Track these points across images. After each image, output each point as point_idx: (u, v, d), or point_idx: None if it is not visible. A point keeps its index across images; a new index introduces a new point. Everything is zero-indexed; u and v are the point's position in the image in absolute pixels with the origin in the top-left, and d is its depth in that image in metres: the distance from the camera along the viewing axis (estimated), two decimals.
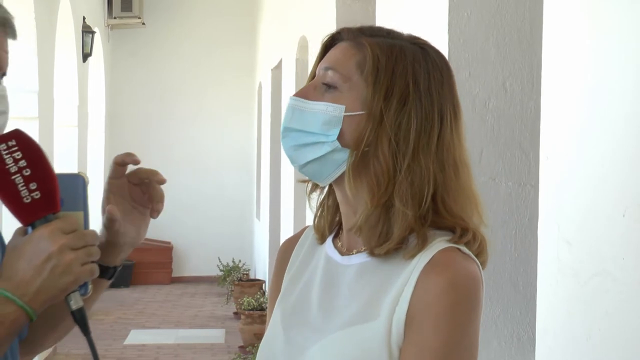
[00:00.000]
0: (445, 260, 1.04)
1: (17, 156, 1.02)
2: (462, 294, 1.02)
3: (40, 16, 5.90)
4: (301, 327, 1.11)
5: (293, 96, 1.11)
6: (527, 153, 2.16)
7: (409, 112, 1.06)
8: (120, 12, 9.67)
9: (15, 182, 1.01)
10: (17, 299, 1.01)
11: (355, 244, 1.12)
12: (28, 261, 1.02)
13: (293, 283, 1.18)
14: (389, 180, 1.05)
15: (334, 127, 1.07)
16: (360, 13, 4.04)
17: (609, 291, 2.08)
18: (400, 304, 1.03)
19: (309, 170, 1.11)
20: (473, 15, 2.16)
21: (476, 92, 2.15)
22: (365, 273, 1.09)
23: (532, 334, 2.14)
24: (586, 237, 2.21)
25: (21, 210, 1.03)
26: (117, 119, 10.65)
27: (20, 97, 5.80)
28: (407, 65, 1.07)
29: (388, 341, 1.03)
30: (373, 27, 1.13)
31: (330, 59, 1.10)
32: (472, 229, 1.08)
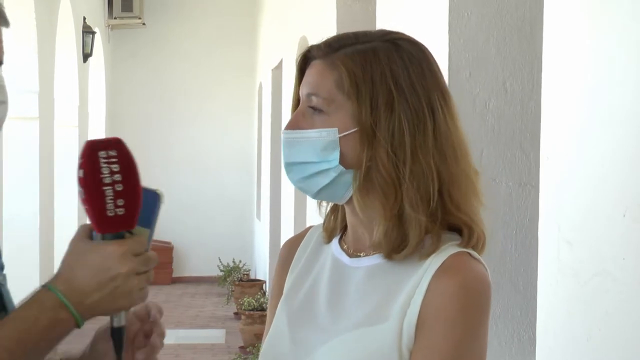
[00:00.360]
0: (456, 265, 1.04)
1: (115, 169, 1.01)
2: (473, 297, 1.03)
3: (40, 16, 5.91)
4: (308, 327, 1.11)
5: (285, 130, 1.10)
6: (528, 153, 2.16)
7: (399, 116, 1.05)
8: (121, 13, 9.68)
9: (104, 194, 1.01)
10: (71, 307, 1.01)
11: (363, 247, 1.12)
12: (92, 273, 1.02)
13: (298, 282, 1.18)
14: (395, 190, 1.05)
15: (333, 151, 1.07)
16: (360, 13, 4.04)
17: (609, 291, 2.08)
18: (412, 308, 1.03)
19: (323, 197, 1.12)
20: (473, 16, 2.16)
21: (476, 92, 2.15)
22: (375, 276, 1.09)
23: (532, 334, 2.14)
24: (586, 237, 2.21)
25: (100, 221, 1.03)
26: (118, 119, 10.65)
27: (21, 97, 5.81)
28: (384, 68, 1.05)
29: (399, 344, 1.03)
30: (340, 37, 1.11)
31: (309, 84, 1.09)
32: (477, 229, 1.08)
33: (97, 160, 1.01)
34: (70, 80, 7.70)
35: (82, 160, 1.02)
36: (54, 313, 1.01)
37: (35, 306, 1.01)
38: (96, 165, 1.01)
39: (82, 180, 1.02)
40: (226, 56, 10.75)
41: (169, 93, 10.83)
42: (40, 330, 1.01)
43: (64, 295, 1.01)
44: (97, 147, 1.01)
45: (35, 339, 1.00)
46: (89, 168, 1.01)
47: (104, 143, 1.02)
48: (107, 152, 1.01)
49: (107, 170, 1.00)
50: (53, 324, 1.01)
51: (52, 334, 1.02)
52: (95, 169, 1.01)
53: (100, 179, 1.00)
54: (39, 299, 1.02)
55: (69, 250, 1.05)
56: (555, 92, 2.35)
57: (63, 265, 1.05)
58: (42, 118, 6.05)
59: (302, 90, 1.11)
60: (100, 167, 1.00)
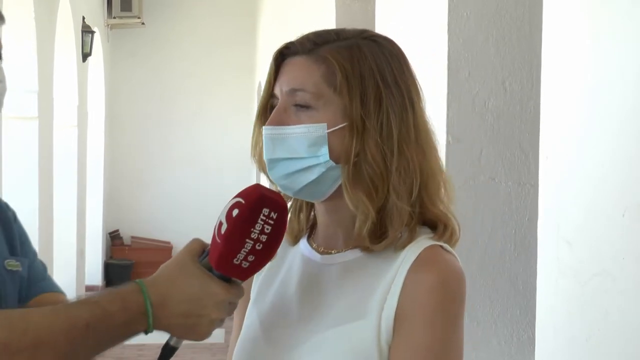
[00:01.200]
0: (432, 258, 1.05)
1: (267, 229, 1.00)
2: (451, 290, 1.04)
3: (40, 16, 5.90)
4: (283, 328, 1.11)
5: (266, 126, 1.09)
6: (527, 153, 2.15)
7: (387, 110, 1.06)
8: (120, 12, 9.67)
9: (244, 245, 1.01)
10: (151, 319, 1.02)
11: (334, 245, 1.13)
12: (187, 300, 1.02)
13: (266, 285, 1.17)
14: (383, 181, 1.06)
15: (321, 147, 1.06)
16: (359, 13, 4.03)
17: (609, 291, 2.08)
18: (389, 302, 1.04)
19: (304, 194, 1.10)
20: (472, 15, 2.16)
21: (476, 91, 2.14)
22: (349, 272, 1.09)
23: (531, 333, 2.14)
24: (586, 237, 2.21)
25: (222, 261, 1.02)
26: (117, 119, 10.65)
27: (20, 97, 5.80)
28: (370, 64, 1.06)
29: (378, 339, 1.03)
30: (320, 33, 1.11)
31: (293, 80, 1.08)
32: (451, 224, 1.10)
33: (258, 214, 1.00)
34: (69, 79, 7.69)
35: (245, 204, 1.01)
36: (133, 318, 1.02)
37: (119, 303, 1.01)
38: (254, 219, 1.00)
39: (232, 219, 1.01)
40: (225, 56, 10.75)
41: (169, 93, 10.82)
42: (112, 326, 1.01)
43: (151, 305, 1.02)
44: (265, 203, 1.01)
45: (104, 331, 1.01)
46: (246, 216, 1.00)
47: (273, 203, 1.01)
48: (270, 212, 1.00)
49: (260, 228, 1.00)
50: (127, 326, 1.02)
51: (120, 333, 1.02)
52: (252, 220, 1.00)
53: (250, 231, 1.00)
54: (127, 297, 1.02)
55: (177, 262, 1.05)
56: (554, 91, 2.35)
57: (164, 275, 1.05)
58: (41, 118, 6.04)
59: (281, 87, 1.09)
60: (257, 222, 1.00)
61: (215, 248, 1.03)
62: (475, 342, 2.11)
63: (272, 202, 1.01)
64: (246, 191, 1.03)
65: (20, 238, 1.34)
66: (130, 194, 10.76)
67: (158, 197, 10.77)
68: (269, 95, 1.11)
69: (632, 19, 1.97)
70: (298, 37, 1.12)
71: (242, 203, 1.01)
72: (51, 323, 1.00)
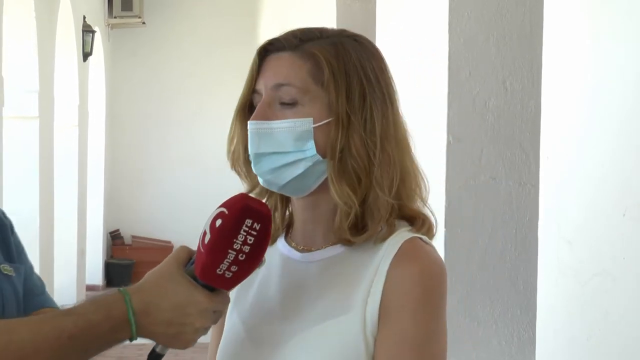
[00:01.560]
0: (413, 250, 1.06)
1: (249, 240, 1.00)
2: (434, 281, 1.05)
3: (40, 15, 5.90)
4: (267, 327, 1.11)
5: (252, 120, 1.09)
6: (528, 153, 2.15)
7: (370, 105, 1.08)
8: (121, 12, 9.67)
9: (226, 255, 1.00)
10: (134, 327, 1.03)
11: (313, 242, 1.13)
12: (171, 308, 1.03)
13: (244, 288, 1.16)
14: (367, 174, 1.07)
15: (307, 141, 1.07)
16: (360, 13, 4.03)
17: (609, 291, 2.08)
18: (373, 296, 1.05)
19: (289, 189, 1.10)
20: (473, 15, 2.16)
21: (476, 91, 2.15)
22: (330, 268, 1.10)
23: (532, 333, 2.14)
24: (586, 237, 2.21)
25: (206, 271, 1.02)
26: (118, 118, 10.65)
27: (21, 96, 5.80)
28: (354, 61, 1.08)
29: (364, 333, 1.04)
30: (304, 31, 1.12)
31: (279, 74, 1.09)
32: (428, 218, 1.12)
33: (241, 225, 1.00)
34: (70, 79, 7.69)
35: (228, 214, 1.01)
36: (117, 326, 1.02)
37: (103, 312, 1.02)
38: (237, 230, 1.00)
39: (215, 230, 1.01)
40: (226, 56, 10.75)
41: (169, 92, 10.82)
42: (96, 335, 1.02)
43: (134, 313, 1.02)
44: (248, 214, 1.00)
45: (88, 340, 1.02)
46: (229, 227, 1.00)
47: (256, 214, 1.01)
48: (253, 222, 1.00)
49: (242, 239, 1.00)
50: (111, 334, 1.03)
51: (105, 341, 1.04)
52: (234, 231, 1.00)
53: (232, 242, 1.00)
54: (111, 306, 1.03)
55: (163, 270, 1.06)
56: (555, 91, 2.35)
57: (149, 282, 1.05)
58: (42, 117, 6.04)
59: (265, 83, 1.10)
60: (239, 234, 1.00)
61: (200, 258, 1.03)
62: (476, 342, 2.11)
63: (256, 212, 1.01)
64: (231, 201, 1.03)
65: (17, 248, 1.36)
66: (130, 194, 10.76)
67: (158, 197, 10.78)
68: (251, 92, 1.12)
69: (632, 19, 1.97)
70: (281, 34, 1.13)
71: (226, 213, 1.01)
72: (35, 335, 1.01)
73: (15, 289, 1.28)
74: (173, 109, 10.82)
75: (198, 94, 10.80)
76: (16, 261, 1.33)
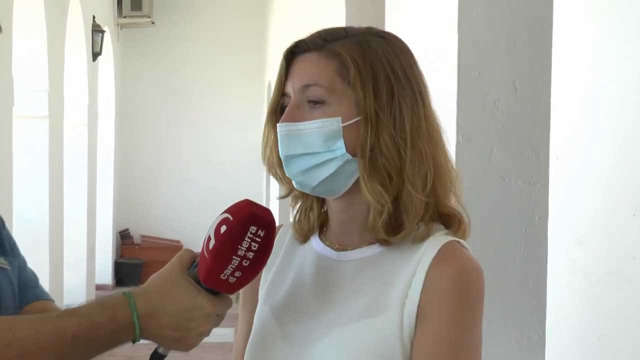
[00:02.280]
0: (452, 254, 1.07)
1: (253, 247, 1.01)
2: (472, 285, 1.05)
3: (50, 15, 5.93)
4: (300, 323, 1.11)
5: (281, 123, 1.09)
6: (537, 152, 2.14)
7: (399, 102, 1.07)
8: (130, 12, 9.70)
9: (230, 261, 1.01)
10: (138, 330, 1.04)
11: (349, 241, 1.13)
12: (175, 313, 1.04)
13: (277, 282, 1.17)
14: (398, 172, 1.07)
15: (337, 141, 1.07)
16: (369, 13, 4.03)
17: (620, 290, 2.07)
18: (411, 297, 1.05)
19: (321, 189, 1.10)
20: (483, 15, 2.15)
21: (486, 91, 2.14)
22: (367, 268, 1.10)
23: (542, 333, 2.13)
24: (597, 236, 2.20)
25: (210, 276, 1.03)
26: (127, 118, 10.68)
27: (31, 96, 5.82)
28: (380, 58, 1.08)
29: (400, 334, 1.04)
30: (329, 31, 1.13)
31: (306, 75, 1.09)
32: (464, 220, 1.11)
33: (245, 232, 1.01)
34: (79, 79, 7.72)
35: (233, 220, 1.01)
36: (121, 328, 1.03)
37: (108, 313, 1.03)
38: (241, 236, 1.01)
39: (220, 236, 1.02)
40: (236, 55, 10.76)
41: (178, 92, 10.85)
42: (99, 336, 1.03)
43: (138, 317, 1.03)
44: (253, 221, 1.01)
45: (91, 341, 1.03)
46: (233, 234, 1.01)
47: (261, 221, 1.01)
48: (257, 229, 1.01)
49: (247, 245, 1.01)
50: (115, 336, 1.04)
51: (108, 342, 1.05)
52: (239, 238, 1.01)
53: (237, 248, 1.01)
54: (115, 308, 1.04)
55: (167, 274, 1.06)
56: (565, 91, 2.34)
57: (154, 286, 1.06)
58: (51, 117, 6.07)
59: (293, 84, 1.10)
60: (243, 240, 1.01)
61: (203, 263, 1.04)
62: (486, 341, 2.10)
63: (260, 219, 1.01)
64: (235, 207, 1.03)
65: (9, 242, 1.37)
66: (140, 193, 10.79)
67: (168, 196, 10.81)
68: (280, 95, 1.12)
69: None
70: (307, 36, 1.13)
71: (230, 220, 1.01)
72: (38, 334, 1.02)
73: (11, 282, 1.29)
74: (183, 108, 10.84)
75: (208, 94, 10.83)
76: (9, 255, 1.33)
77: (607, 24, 2.18)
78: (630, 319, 2.00)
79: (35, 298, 1.33)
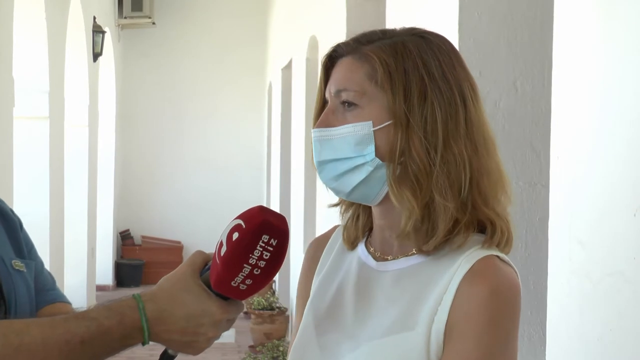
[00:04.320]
0: (486, 269, 1.02)
1: (265, 256, 1.00)
2: (505, 303, 1.00)
3: (51, 16, 5.92)
4: (335, 333, 1.09)
5: (315, 128, 1.08)
6: (538, 152, 2.14)
7: (431, 104, 1.04)
8: (131, 12, 9.70)
9: (242, 269, 1.01)
10: (147, 333, 1.04)
11: (389, 250, 1.11)
12: (185, 318, 1.04)
13: (325, 285, 1.16)
14: (427, 177, 1.03)
15: (367, 145, 1.05)
16: (370, 12, 4.02)
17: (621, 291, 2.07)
18: (439, 314, 1.02)
19: (356, 196, 1.08)
20: (484, 14, 2.15)
21: (487, 91, 2.14)
22: (402, 280, 1.07)
23: (542, 334, 2.13)
24: (598, 237, 2.19)
25: (221, 283, 1.03)
26: (128, 119, 10.68)
27: (32, 96, 5.82)
28: (415, 59, 1.05)
29: (427, 352, 1.01)
30: (367, 33, 1.11)
31: (338, 81, 1.08)
32: (500, 224, 1.06)
33: (257, 240, 1.00)
34: (80, 79, 7.72)
35: (245, 228, 1.00)
36: (129, 332, 1.03)
37: (116, 318, 1.03)
38: (253, 244, 1.00)
39: (232, 243, 1.01)
40: (236, 55, 10.76)
41: (179, 93, 10.85)
42: (108, 340, 1.03)
43: (147, 321, 1.04)
44: (266, 230, 1.00)
45: (99, 345, 1.03)
46: (246, 242, 1.00)
47: (274, 230, 1.00)
48: (270, 238, 1.00)
49: (258, 254, 1.00)
50: (123, 340, 1.04)
51: (117, 346, 1.05)
52: (251, 246, 1.00)
53: (249, 257, 1.00)
54: (124, 312, 1.04)
55: (178, 278, 1.06)
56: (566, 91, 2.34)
57: (164, 290, 1.06)
58: (52, 118, 6.06)
59: (330, 90, 1.09)
60: (255, 248, 1.00)
61: (215, 268, 1.03)
62: None
63: (273, 228, 1.00)
64: (249, 213, 1.02)
65: (26, 244, 1.38)
66: (141, 194, 10.79)
67: (169, 197, 10.80)
68: (322, 102, 1.11)
69: None
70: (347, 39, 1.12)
71: (243, 227, 1.00)
72: (46, 338, 1.02)
73: (27, 284, 1.30)
74: (184, 109, 10.84)
75: (208, 94, 10.82)
76: (26, 257, 1.34)
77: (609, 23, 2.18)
78: (631, 320, 2.00)
79: (52, 300, 1.34)
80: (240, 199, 10.70)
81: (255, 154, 10.77)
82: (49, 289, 1.36)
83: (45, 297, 1.34)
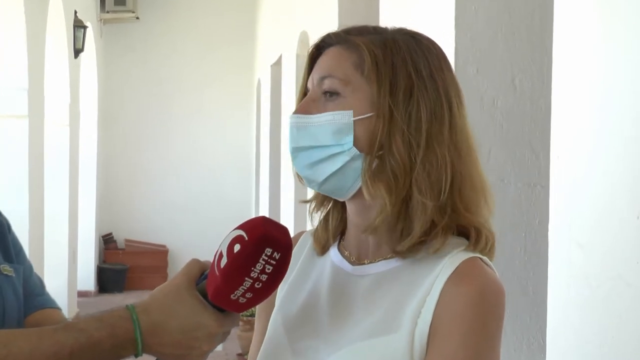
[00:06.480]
0: (471, 271, 1.01)
1: (267, 269, 0.97)
2: (492, 304, 1.00)
3: (30, 10, 5.81)
4: (310, 339, 1.07)
5: (293, 114, 1.07)
6: (537, 153, 2.11)
7: (417, 101, 1.03)
8: (114, 6, 9.56)
9: (242, 283, 0.98)
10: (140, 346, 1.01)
11: (365, 252, 1.09)
12: (179, 330, 1.01)
13: (293, 292, 1.14)
14: (406, 174, 1.02)
15: (346, 135, 1.04)
16: (363, 7, 3.99)
17: (622, 296, 2.03)
18: (423, 316, 1.00)
19: (328, 187, 1.06)
20: (480, 10, 2.11)
21: (484, 89, 2.10)
22: (382, 284, 1.05)
23: (542, 340, 2.09)
24: (598, 240, 2.15)
25: (219, 295, 1.00)
26: (110, 117, 10.53)
27: (10, 94, 5.72)
28: (404, 55, 1.05)
29: (411, 354, 1.00)
30: (358, 27, 1.10)
31: (323, 68, 1.07)
32: (484, 231, 1.06)
33: (260, 254, 0.97)
34: (60, 76, 7.60)
35: (248, 240, 0.97)
36: (121, 344, 1.01)
37: (108, 330, 1.01)
38: (256, 258, 0.97)
39: (233, 255, 0.98)
40: (223, 52, 10.64)
41: (164, 90, 10.70)
42: (98, 352, 1.01)
43: (141, 333, 1.01)
44: (269, 243, 0.97)
45: (88, 357, 1.01)
46: (248, 255, 0.97)
47: (277, 243, 0.97)
48: (273, 252, 0.97)
49: (260, 267, 0.97)
50: (114, 351, 1.01)
51: (109, 357, 1.02)
52: (253, 259, 0.97)
53: (250, 270, 0.97)
54: (116, 324, 1.01)
55: (173, 288, 1.03)
56: (566, 89, 2.29)
57: (158, 301, 1.03)
58: (31, 116, 5.95)
59: (313, 77, 1.08)
60: (257, 262, 0.97)
61: (213, 280, 1.00)
62: None
63: (276, 241, 0.97)
64: (251, 224, 0.99)
65: (15, 247, 1.35)
66: (124, 196, 10.63)
67: (153, 199, 10.65)
68: (303, 92, 1.10)
69: None
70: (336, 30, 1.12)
71: (245, 239, 0.97)
72: (33, 350, 0.99)
73: (15, 289, 1.28)
74: (169, 107, 10.71)
75: (194, 91, 10.69)
76: (15, 261, 1.32)
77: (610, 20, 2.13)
78: (633, 325, 1.95)
79: (41, 306, 1.32)
80: (228, 200, 10.61)
81: (243, 154, 10.63)
82: (37, 294, 1.34)
83: (34, 303, 1.32)
